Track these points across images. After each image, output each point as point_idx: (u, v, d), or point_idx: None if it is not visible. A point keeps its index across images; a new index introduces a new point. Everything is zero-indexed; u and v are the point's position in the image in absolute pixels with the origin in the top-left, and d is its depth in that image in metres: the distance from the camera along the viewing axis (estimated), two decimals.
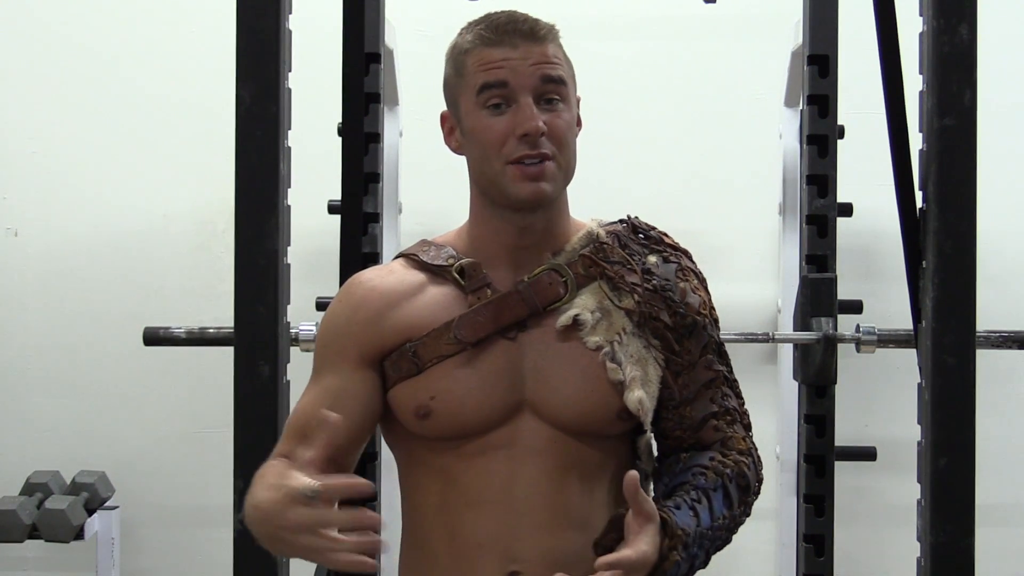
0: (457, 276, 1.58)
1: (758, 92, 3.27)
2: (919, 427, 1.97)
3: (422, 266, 1.61)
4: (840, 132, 2.79)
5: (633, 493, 1.42)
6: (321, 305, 2.79)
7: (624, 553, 1.40)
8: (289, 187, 2.06)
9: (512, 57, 1.51)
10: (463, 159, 1.58)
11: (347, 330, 1.59)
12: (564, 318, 1.55)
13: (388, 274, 1.62)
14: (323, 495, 1.33)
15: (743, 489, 1.58)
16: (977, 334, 1.92)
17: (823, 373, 2.71)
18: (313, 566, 2.59)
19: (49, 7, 3.34)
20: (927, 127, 1.92)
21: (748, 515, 1.61)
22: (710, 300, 1.64)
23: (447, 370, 1.54)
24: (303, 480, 1.35)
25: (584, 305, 1.56)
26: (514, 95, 1.51)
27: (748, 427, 1.65)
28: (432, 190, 3.10)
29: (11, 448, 3.31)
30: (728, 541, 1.58)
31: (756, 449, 1.64)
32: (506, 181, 1.51)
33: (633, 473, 1.42)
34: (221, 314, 3.01)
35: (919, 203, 1.97)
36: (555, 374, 1.55)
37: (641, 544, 1.41)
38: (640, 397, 1.54)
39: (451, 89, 1.58)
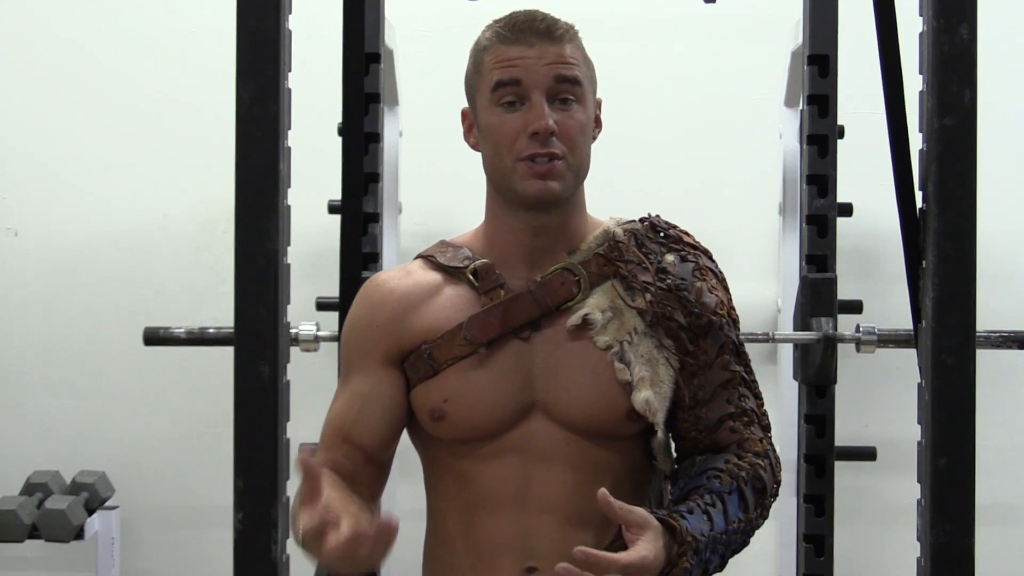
0: (472, 277, 1.58)
1: (758, 92, 3.27)
2: (919, 427, 1.97)
3: (439, 267, 1.62)
4: (840, 132, 2.79)
5: (608, 509, 1.41)
6: (321, 305, 2.79)
7: (618, 556, 1.38)
8: (289, 187, 2.05)
9: (527, 56, 1.53)
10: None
11: (368, 332, 1.62)
12: (574, 318, 1.56)
13: (405, 276, 1.64)
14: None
15: (759, 492, 1.57)
16: (977, 334, 1.92)
17: (823, 373, 2.70)
18: (312, 567, 2.59)
19: (49, 7, 3.34)
20: (927, 127, 1.91)
21: (765, 517, 1.60)
22: (729, 300, 1.65)
23: (460, 372, 1.55)
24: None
25: (596, 304, 1.57)
26: (527, 93, 1.52)
27: (767, 428, 1.64)
28: (432, 190, 3.09)
29: (11, 448, 3.31)
30: (744, 544, 1.57)
31: (774, 450, 1.63)
32: (516, 178, 1.53)
33: (602, 491, 1.41)
34: (221, 314, 3.01)
35: (919, 203, 1.97)
36: (564, 374, 1.55)
37: (640, 550, 1.40)
38: (647, 398, 1.54)
39: (470, 86, 1.61)
